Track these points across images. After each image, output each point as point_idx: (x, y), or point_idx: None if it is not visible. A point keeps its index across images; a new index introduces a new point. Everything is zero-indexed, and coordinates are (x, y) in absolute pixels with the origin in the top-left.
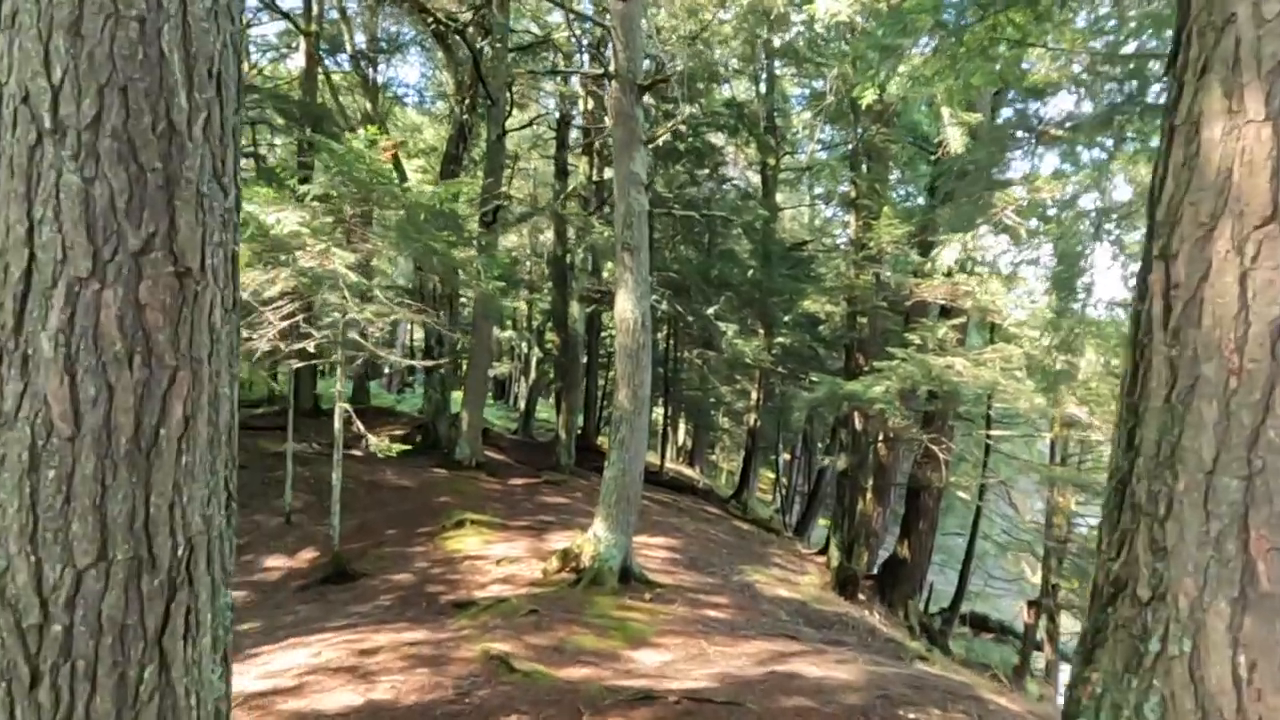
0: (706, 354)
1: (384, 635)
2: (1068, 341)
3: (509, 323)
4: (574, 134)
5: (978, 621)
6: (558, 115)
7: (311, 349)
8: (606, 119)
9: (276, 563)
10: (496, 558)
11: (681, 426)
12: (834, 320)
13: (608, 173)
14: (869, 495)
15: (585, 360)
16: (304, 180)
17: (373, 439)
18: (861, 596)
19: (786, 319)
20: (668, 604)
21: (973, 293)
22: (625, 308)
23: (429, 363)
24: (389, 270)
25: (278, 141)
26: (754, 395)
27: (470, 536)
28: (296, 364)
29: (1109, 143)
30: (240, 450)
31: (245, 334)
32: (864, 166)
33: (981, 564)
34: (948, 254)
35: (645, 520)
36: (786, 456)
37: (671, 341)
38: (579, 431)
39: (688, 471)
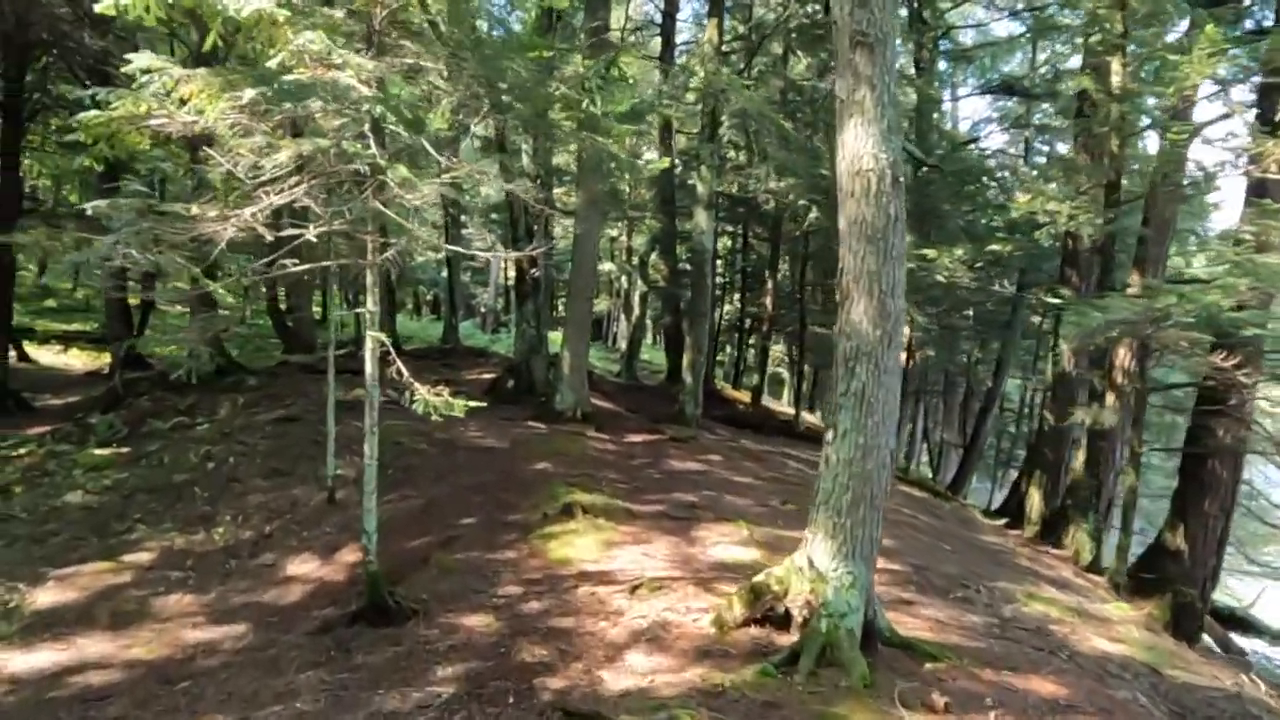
0: None
1: None
2: None
3: (608, 254)
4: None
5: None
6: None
7: (313, 237)
8: None
9: (303, 569)
10: (629, 579)
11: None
12: (1059, 221)
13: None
14: (1113, 462)
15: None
16: None
17: (421, 390)
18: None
19: (995, 223)
20: (977, 713)
21: None
22: (859, 150)
23: (506, 254)
24: (440, 121)
25: None
26: (909, 327)
27: (583, 534)
28: (296, 265)
29: None
30: (297, 396)
31: (205, 211)
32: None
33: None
34: None
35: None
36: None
37: (805, 262)
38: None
39: (812, 420)
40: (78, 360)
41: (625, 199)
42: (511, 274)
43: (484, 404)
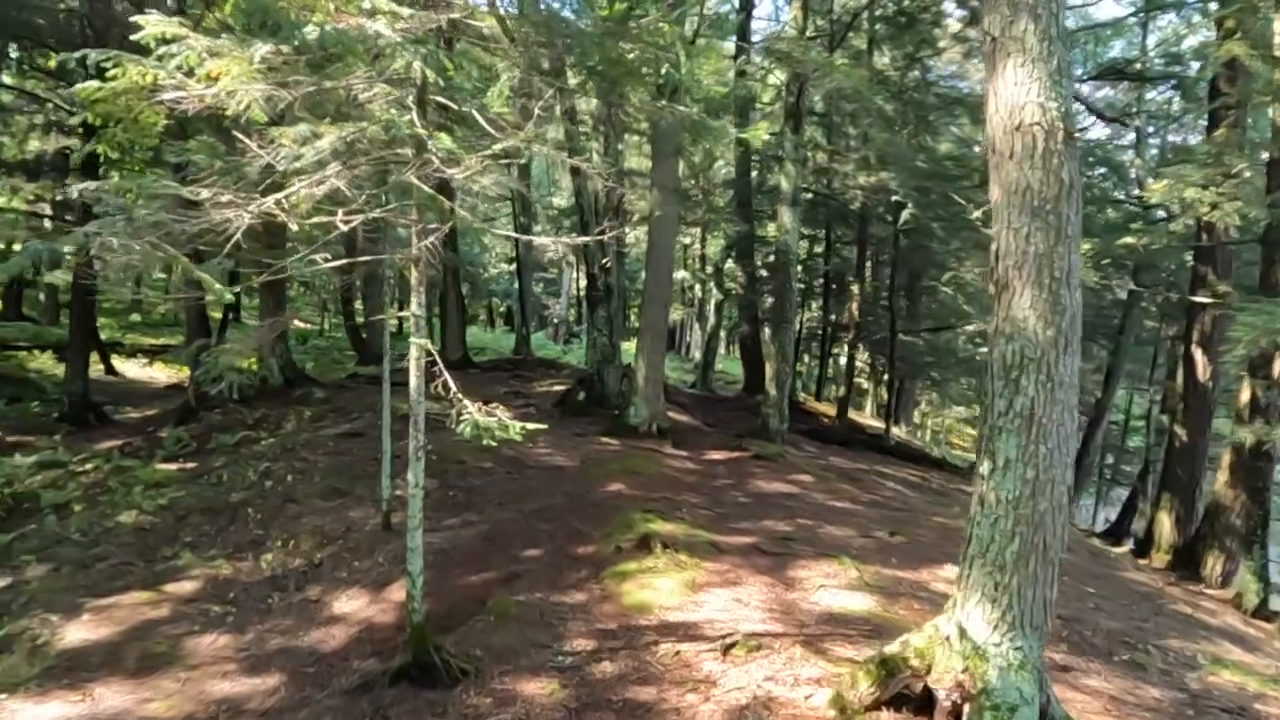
0: (960, 276)
1: None
2: None
3: (680, 262)
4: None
5: None
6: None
7: (342, 224)
8: None
9: (349, 606)
10: (719, 634)
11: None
12: (1198, 210)
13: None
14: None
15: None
16: None
17: (470, 409)
18: None
19: (1105, 217)
20: None
21: None
22: (1020, 98)
23: (573, 239)
24: (499, 102)
25: None
26: None
27: (663, 573)
28: (328, 261)
29: None
30: (364, 410)
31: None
32: None
33: None
34: None
35: (920, 522)
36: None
37: (895, 264)
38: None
39: (897, 433)
40: (162, 373)
41: (700, 200)
42: (583, 284)
43: (544, 426)
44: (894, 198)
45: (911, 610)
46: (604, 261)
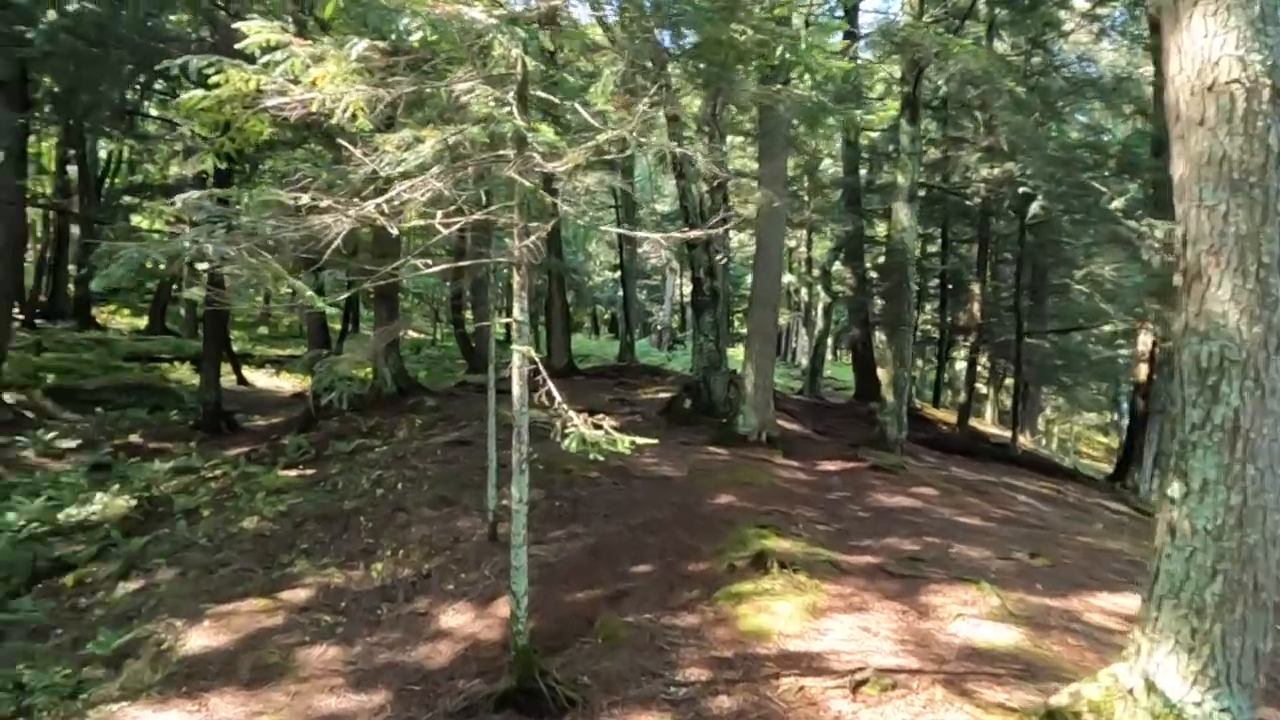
0: (1097, 273)
1: None
2: None
3: (786, 265)
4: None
5: None
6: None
7: (442, 227)
8: None
9: (456, 620)
10: (847, 667)
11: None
12: None
13: None
14: None
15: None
16: None
17: (575, 421)
18: None
19: None
20: None
21: None
22: (1212, 51)
23: (680, 235)
24: (602, 99)
25: None
26: (1145, 334)
27: (780, 595)
28: (429, 267)
29: None
30: (472, 418)
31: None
32: None
33: None
34: None
35: (1062, 542)
36: (1113, 416)
37: (1020, 262)
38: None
39: (1023, 441)
40: (287, 382)
41: (807, 200)
42: (687, 290)
43: (654, 441)
44: (1020, 190)
45: (1066, 646)
46: (718, 258)
